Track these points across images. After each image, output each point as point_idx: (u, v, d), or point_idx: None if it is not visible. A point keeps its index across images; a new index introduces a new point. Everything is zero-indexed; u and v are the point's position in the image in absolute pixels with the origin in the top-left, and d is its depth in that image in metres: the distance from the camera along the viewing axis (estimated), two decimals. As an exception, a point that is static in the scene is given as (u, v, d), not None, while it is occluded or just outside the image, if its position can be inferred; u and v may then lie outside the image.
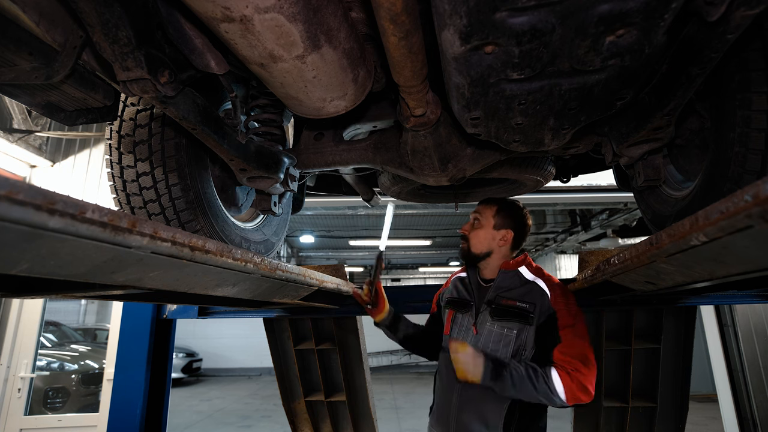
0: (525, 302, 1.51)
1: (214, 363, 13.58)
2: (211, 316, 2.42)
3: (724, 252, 0.60)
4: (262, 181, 1.48)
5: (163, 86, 0.94)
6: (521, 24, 0.72)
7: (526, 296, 1.53)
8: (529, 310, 1.50)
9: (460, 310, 1.67)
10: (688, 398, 2.36)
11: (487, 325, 1.55)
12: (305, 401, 2.73)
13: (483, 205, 1.71)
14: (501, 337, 1.50)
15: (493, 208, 1.67)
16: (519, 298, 1.53)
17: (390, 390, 10.57)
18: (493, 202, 1.70)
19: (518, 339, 1.48)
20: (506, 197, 1.79)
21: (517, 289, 1.56)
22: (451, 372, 1.50)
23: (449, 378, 1.56)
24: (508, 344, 1.49)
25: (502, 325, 1.52)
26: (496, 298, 1.57)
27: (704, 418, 7.17)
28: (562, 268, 12.09)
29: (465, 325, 1.62)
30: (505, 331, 1.50)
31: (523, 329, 1.49)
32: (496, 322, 1.53)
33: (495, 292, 1.58)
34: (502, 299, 1.55)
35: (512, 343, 1.48)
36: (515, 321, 1.50)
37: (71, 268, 0.54)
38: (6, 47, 0.94)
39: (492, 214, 1.66)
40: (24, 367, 3.62)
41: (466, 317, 1.63)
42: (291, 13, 0.79)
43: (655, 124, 1.11)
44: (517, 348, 1.48)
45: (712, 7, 0.73)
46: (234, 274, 0.88)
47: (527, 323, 1.48)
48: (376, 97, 1.46)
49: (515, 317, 1.50)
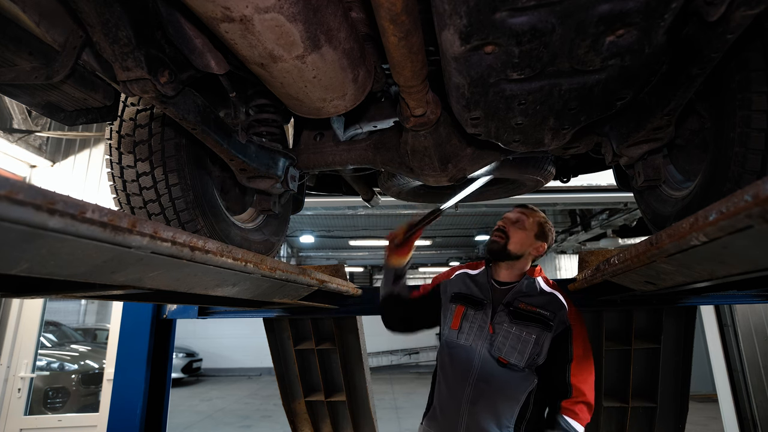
0: (546, 310, 1.55)
1: (214, 363, 13.58)
2: (211, 316, 2.42)
3: (724, 252, 0.60)
4: (262, 181, 1.48)
5: (163, 86, 0.94)
6: (521, 24, 0.72)
7: (547, 305, 1.56)
8: (549, 317, 1.53)
9: (472, 306, 1.66)
10: (688, 398, 2.36)
11: (504, 326, 1.56)
12: (305, 401, 2.73)
13: (528, 210, 1.71)
14: (519, 340, 1.52)
15: (537, 216, 1.70)
16: (539, 305, 1.56)
17: (390, 390, 10.57)
18: (535, 211, 1.72)
19: (536, 344, 1.50)
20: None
21: (536, 297, 1.60)
22: (463, 366, 1.54)
23: (458, 372, 1.57)
24: (525, 348, 1.51)
25: (521, 328, 1.53)
26: (514, 302, 1.59)
27: (704, 418, 7.17)
28: (562, 268, 12.08)
29: (478, 323, 1.61)
30: (524, 335, 1.52)
31: (541, 335, 1.51)
32: (514, 324, 1.54)
33: (514, 296, 1.60)
34: (520, 303, 1.58)
35: (529, 347, 1.50)
36: (536, 326, 1.52)
37: (71, 268, 0.54)
38: (6, 47, 0.94)
39: (536, 221, 1.68)
40: (24, 367, 3.62)
41: (479, 314, 1.62)
42: (291, 13, 0.79)
43: (655, 124, 1.11)
44: (533, 353, 1.50)
45: (712, 7, 0.73)
46: (234, 274, 0.88)
47: (547, 330, 1.51)
48: (376, 97, 1.46)
49: (536, 322, 1.53)
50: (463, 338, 1.61)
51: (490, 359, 1.53)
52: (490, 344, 1.54)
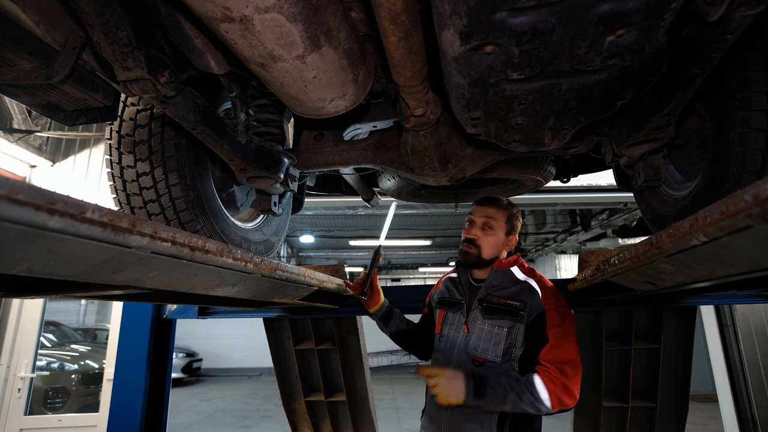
0: (516, 300, 1.51)
1: (214, 363, 13.58)
2: (211, 316, 2.42)
3: (724, 252, 0.60)
4: (262, 181, 1.48)
5: (163, 86, 0.94)
6: (521, 24, 0.72)
7: (518, 295, 1.53)
8: (519, 307, 1.49)
9: (451, 309, 1.67)
10: (688, 398, 2.35)
11: (477, 323, 1.55)
12: (305, 401, 2.73)
13: (493, 208, 1.64)
14: (492, 335, 1.50)
15: (504, 213, 1.63)
16: (510, 296, 1.53)
17: (390, 390, 10.56)
18: (501, 206, 1.65)
19: (509, 336, 1.48)
20: (507, 198, 1.77)
21: (508, 288, 1.56)
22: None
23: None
24: (498, 342, 1.48)
25: (493, 323, 1.51)
26: (487, 297, 1.57)
27: (704, 418, 7.17)
28: (562, 268, 12.08)
29: (456, 324, 1.61)
30: (496, 329, 1.50)
31: (513, 327, 1.48)
32: (487, 320, 1.53)
33: (486, 291, 1.58)
34: (493, 297, 1.55)
35: (503, 340, 1.48)
36: (506, 318, 1.50)
37: (71, 268, 0.54)
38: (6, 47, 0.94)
39: (504, 219, 1.63)
40: (24, 367, 3.62)
41: (456, 316, 1.63)
42: (291, 13, 0.79)
43: (655, 124, 1.11)
44: (507, 346, 1.48)
45: (712, 7, 0.73)
46: (234, 274, 0.88)
47: (517, 321, 1.48)
48: (376, 97, 1.46)
49: (506, 314, 1.50)
50: (444, 341, 1.62)
51: (467, 359, 1.52)
52: (466, 344, 1.53)
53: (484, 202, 1.68)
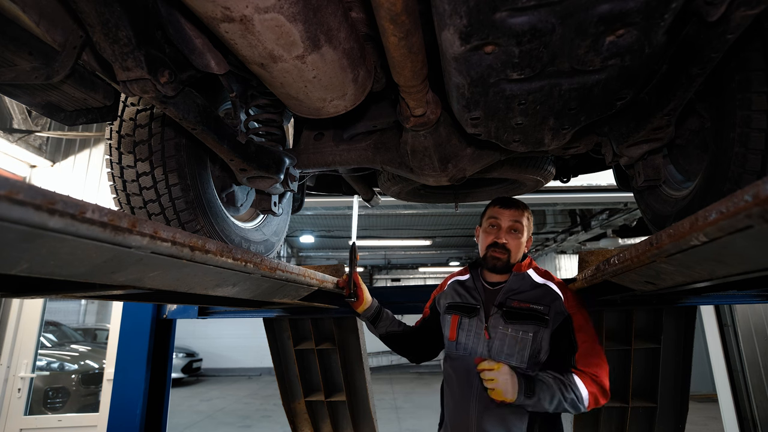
0: (539, 304, 1.48)
1: (214, 363, 13.58)
2: (211, 316, 2.42)
3: (724, 252, 0.60)
4: (262, 181, 1.48)
5: (163, 86, 0.94)
6: (521, 24, 0.72)
7: (540, 299, 1.50)
8: (543, 311, 1.46)
9: (466, 314, 1.60)
10: (688, 398, 2.36)
11: (500, 329, 1.49)
12: (305, 401, 2.73)
13: (519, 210, 1.60)
14: (516, 341, 1.46)
15: (526, 215, 1.61)
16: (532, 300, 1.50)
17: (390, 390, 10.56)
18: (523, 207, 1.62)
19: (534, 342, 1.44)
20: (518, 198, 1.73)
21: (528, 291, 1.53)
22: (465, 379, 1.49)
23: (461, 385, 1.52)
24: (524, 348, 1.45)
25: (517, 328, 1.47)
26: (506, 301, 1.53)
27: (704, 418, 7.17)
28: (562, 268, 12.09)
29: (474, 330, 1.55)
30: (521, 334, 1.46)
31: (538, 331, 1.45)
32: (509, 325, 1.48)
33: (505, 295, 1.54)
34: (513, 302, 1.51)
35: (528, 346, 1.44)
36: (530, 323, 1.46)
37: (71, 268, 0.54)
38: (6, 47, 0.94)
39: (527, 221, 1.61)
40: (24, 367, 3.62)
41: (474, 321, 1.56)
42: (291, 13, 0.79)
43: (655, 124, 1.11)
44: (533, 352, 1.44)
45: (712, 7, 0.73)
46: (234, 274, 0.88)
47: (543, 325, 1.45)
48: (376, 97, 1.46)
49: (530, 319, 1.46)
50: (461, 349, 1.55)
51: None
52: (488, 350, 1.48)
53: (508, 205, 1.62)
